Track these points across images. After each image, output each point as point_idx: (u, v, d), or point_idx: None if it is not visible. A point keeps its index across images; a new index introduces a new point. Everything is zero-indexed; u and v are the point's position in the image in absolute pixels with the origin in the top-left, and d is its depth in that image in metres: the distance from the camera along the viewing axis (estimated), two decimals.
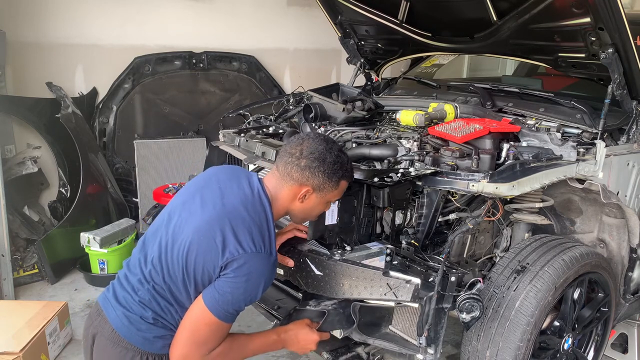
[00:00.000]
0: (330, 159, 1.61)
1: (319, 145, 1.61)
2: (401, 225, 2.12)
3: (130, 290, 1.56)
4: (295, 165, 1.60)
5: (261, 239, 1.50)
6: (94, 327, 1.61)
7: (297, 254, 1.93)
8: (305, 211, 1.68)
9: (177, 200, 1.65)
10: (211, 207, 1.53)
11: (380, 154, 2.21)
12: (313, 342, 1.76)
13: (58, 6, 3.96)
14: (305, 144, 1.62)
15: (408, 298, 1.68)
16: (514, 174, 1.92)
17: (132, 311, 1.54)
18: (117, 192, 4.20)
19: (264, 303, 2.28)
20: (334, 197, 1.69)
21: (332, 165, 1.61)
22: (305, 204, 1.64)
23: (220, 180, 1.62)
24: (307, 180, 1.60)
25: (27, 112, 3.83)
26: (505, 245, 2.42)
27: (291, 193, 1.62)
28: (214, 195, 1.57)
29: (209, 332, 1.49)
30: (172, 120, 4.51)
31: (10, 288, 3.40)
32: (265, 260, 1.50)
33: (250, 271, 1.46)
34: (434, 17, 2.81)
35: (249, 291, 1.49)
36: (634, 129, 2.34)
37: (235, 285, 1.46)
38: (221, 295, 1.47)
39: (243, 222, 1.50)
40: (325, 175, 1.60)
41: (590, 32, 2.12)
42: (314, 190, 1.62)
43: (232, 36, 4.74)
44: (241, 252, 1.45)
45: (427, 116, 2.31)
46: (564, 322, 2.20)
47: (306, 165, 1.59)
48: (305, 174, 1.59)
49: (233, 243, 1.46)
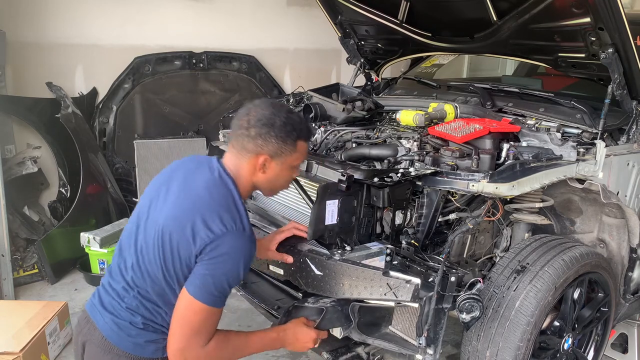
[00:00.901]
0: (280, 122, 1.54)
1: (265, 111, 1.55)
2: (401, 225, 2.12)
3: (116, 297, 1.54)
4: (246, 137, 1.54)
5: (230, 218, 1.46)
6: (84, 334, 1.59)
7: (297, 254, 1.93)
8: (270, 181, 1.62)
9: (144, 200, 1.63)
10: (176, 201, 1.51)
11: (380, 154, 2.21)
12: (311, 340, 1.75)
13: (58, 6, 3.96)
14: (252, 113, 1.56)
15: (408, 298, 1.68)
16: (514, 174, 1.92)
17: (121, 317, 1.52)
18: (117, 192, 4.20)
19: (264, 303, 2.28)
20: (297, 160, 1.63)
21: (283, 128, 1.54)
22: (267, 174, 1.59)
23: (183, 171, 1.60)
24: (262, 149, 1.54)
25: (27, 112, 3.83)
26: (505, 245, 2.42)
27: (250, 166, 1.57)
28: (178, 188, 1.54)
29: (200, 320, 1.45)
30: (172, 120, 4.51)
31: (10, 288, 3.40)
32: (238, 237, 1.46)
33: (225, 251, 1.44)
34: (434, 17, 2.81)
35: (229, 271, 1.46)
36: (634, 129, 2.34)
37: (214, 267, 1.44)
38: (202, 280, 1.44)
39: (209, 207, 1.47)
40: (279, 139, 1.54)
41: (590, 32, 2.12)
42: (271, 158, 1.56)
43: (232, 36, 4.74)
44: (212, 235, 1.42)
45: (427, 116, 2.31)
46: (564, 322, 2.20)
47: (257, 134, 1.53)
48: (258, 142, 1.54)
49: (203, 229, 1.43)
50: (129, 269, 1.53)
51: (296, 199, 2.32)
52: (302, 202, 2.23)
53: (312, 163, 2.13)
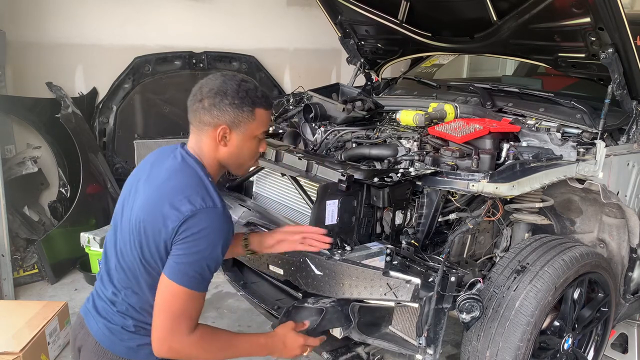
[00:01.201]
0: (232, 89, 1.49)
1: (215, 81, 1.51)
2: (401, 225, 2.12)
3: (108, 302, 1.54)
4: (201, 109, 1.49)
5: (199, 196, 1.42)
6: (79, 339, 1.59)
7: (297, 254, 1.93)
8: (234, 155, 1.55)
9: (118, 204, 1.61)
10: (144, 194, 1.48)
11: (380, 154, 2.22)
12: (299, 347, 1.66)
13: (58, 6, 3.95)
14: (203, 86, 1.51)
15: (408, 298, 1.68)
16: (514, 174, 1.93)
17: (113, 322, 1.51)
18: (117, 192, 4.19)
19: (264, 303, 2.28)
20: (258, 129, 1.55)
21: (236, 94, 1.48)
22: (229, 146, 1.52)
23: (149, 165, 1.57)
24: (218, 119, 1.48)
25: (27, 112, 3.83)
26: (505, 245, 2.42)
27: (211, 140, 1.51)
28: (144, 183, 1.52)
29: (180, 304, 1.40)
30: (172, 120, 4.50)
31: (10, 288, 3.40)
32: (210, 214, 1.41)
33: (198, 230, 1.39)
34: (434, 17, 2.81)
35: (204, 249, 1.40)
36: (634, 129, 2.34)
37: (188, 246, 1.39)
38: (177, 261, 1.40)
39: (174, 190, 1.43)
40: (234, 107, 1.48)
41: (590, 32, 2.12)
42: (230, 128, 1.50)
43: (232, 36, 4.74)
44: (181, 216, 1.38)
45: (427, 116, 2.32)
46: (564, 322, 2.20)
47: (210, 104, 1.48)
48: (214, 113, 1.48)
49: (172, 213, 1.39)
50: (113, 271, 1.53)
51: (296, 199, 2.32)
52: (302, 202, 2.23)
53: (312, 163, 2.13)
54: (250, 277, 2.47)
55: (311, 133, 2.65)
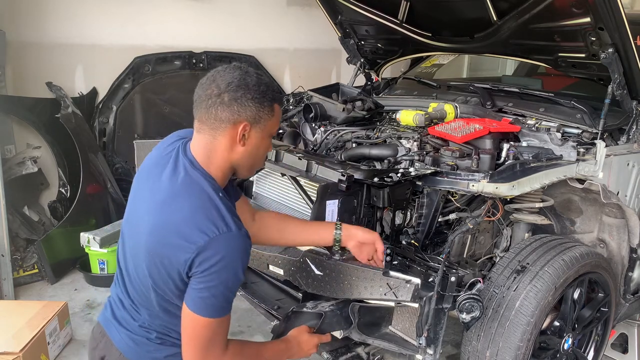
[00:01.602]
0: (252, 82, 1.36)
1: (232, 73, 1.37)
2: (401, 225, 2.12)
3: (127, 313, 1.49)
4: (219, 105, 1.34)
5: (210, 222, 1.30)
6: (100, 349, 1.53)
7: (297, 254, 1.93)
8: (251, 155, 1.43)
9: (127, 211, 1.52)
10: (149, 218, 1.37)
11: (380, 154, 2.22)
12: (314, 346, 1.73)
13: (58, 6, 3.95)
14: (218, 79, 1.36)
15: (408, 298, 1.68)
16: (514, 174, 1.93)
17: (136, 333, 1.47)
18: (117, 192, 4.19)
19: (264, 303, 2.28)
20: (274, 127, 1.45)
21: (258, 88, 1.37)
22: (247, 145, 1.39)
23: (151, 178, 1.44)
24: (239, 115, 1.35)
25: (27, 112, 3.83)
26: (505, 245, 2.42)
27: (228, 140, 1.37)
28: (148, 205, 1.40)
29: (209, 334, 1.36)
30: (172, 120, 4.50)
31: (10, 288, 3.40)
32: (226, 240, 1.31)
33: (217, 260, 1.29)
34: (434, 17, 2.81)
35: (226, 278, 1.33)
36: (634, 129, 2.34)
37: (208, 279, 1.31)
38: (200, 295, 1.32)
39: (182, 216, 1.32)
40: (256, 101, 1.36)
41: (590, 32, 2.12)
42: (251, 125, 1.37)
43: (232, 36, 4.74)
44: (195, 247, 1.28)
45: (427, 116, 2.32)
46: (564, 322, 2.20)
47: (231, 99, 1.34)
48: (234, 108, 1.34)
49: (184, 244, 1.29)
50: (129, 286, 1.48)
51: (296, 199, 2.32)
52: (302, 202, 2.23)
53: (312, 163, 2.13)
54: (250, 277, 2.47)
55: (311, 133, 2.65)
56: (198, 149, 1.41)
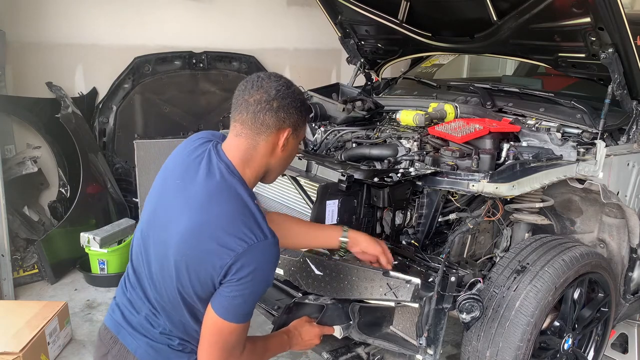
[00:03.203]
0: (296, 91, 1.45)
1: (279, 81, 1.43)
2: (401, 225, 2.12)
3: (146, 322, 1.46)
4: (268, 111, 1.38)
5: (248, 229, 1.32)
6: (113, 356, 1.49)
7: (297, 254, 1.93)
8: (286, 160, 1.50)
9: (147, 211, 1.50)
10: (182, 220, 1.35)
11: (380, 154, 2.21)
12: (316, 336, 1.74)
13: (58, 6, 3.95)
14: (265, 86, 1.40)
15: (408, 298, 1.68)
16: (514, 174, 1.93)
17: (157, 340, 1.44)
18: (117, 192, 4.20)
19: (264, 303, 2.28)
20: (303, 135, 1.54)
21: (300, 97, 1.45)
22: (285, 151, 1.45)
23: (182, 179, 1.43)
24: (285, 122, 1.41)
25: (27, 112, 3.83)
26: (505, 245, 2.42)
27: (269, 145, 1.41)
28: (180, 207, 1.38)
29: (233, 339, 1.37)
30: (172, 120, 4.50)
31: (10, 288, 3.40)
32: (262, 248, 1.32)
33: (252, 268, 1.31)
34: (434, 17, 2.81)
35: (258, 287, 1.35)
36: (634, 129, 2.34)
37: (243, 287, 1.32)
38: (231, 302, 1.33)
39: (219, 222, 1.32)
40: (298, 110, 1.43)
41: (590, 32, 2.12)
42: (292, 131, 1.44)
43: (232, 36, 4.74)
44: (233, 254, 1.29)
45: (427, 116, 2.32)
46: (564, 322, 2.20)
47: (280, 105, 1.39)
48: (281, 115, 1.40)
49: (221, 250, 1.30)
50: (149, 291, 1.45)
51: (296, 199, 2.32)
52: (302, 202, 2.23)
53: (312, 163, 2.13)
54: None
55: (311, 133, 2.65)
56: (236, 153, 1.42)
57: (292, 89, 1.44)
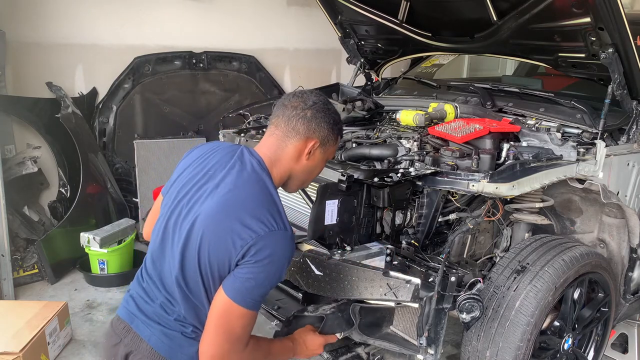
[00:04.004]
0: (333, 111, 1.57)
1: (319, 97, 1.57)
2: (401, 225, 2.12)
3: (160, 309, 1.47)
4: (301, 118, 1.50)
5: (271, 216, 1.38)
6: (126, 345, 1.49)
7: (297, 254, 1.93)
8: (310, 170, 1.58)
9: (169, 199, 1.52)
10: (210, 206, 1.41)
11: (380, 154, 2.21)
12: (320, 346, 1.76)
13: (58, 6, 3.95)
14: (306, 97, 1.55)
15: (408, 298, 1.68)
16: (514, 174, 1.92)
17: (171, 328, 1.46)
18: (117, 192, 4.20)
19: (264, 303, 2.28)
20: (332, 154, 1.63)
21: (335, 116, 1.57)
22: (310, 161, 1.54)
23: (212, 168, 1.50)
24: (314, 133, 1.52)
25: (27, 112, 3.83)
26: (505, 245, 2.42)
27: (296, 150, 1.52)
28: (209, 191, 1.44)
29: (241, 325, 1.39)
30: (172, 120, 4.51)
31: (10, 288, 3.40)
32: (281, 237, 1.38)
33: (269, 253, 1.36)
34: (434, 17, 2.81)
35: (272, 274, 1.39)
36: (634, 129, 2.34)
37: (258, 270, 1.36)
38: (244, 283, 1.36)
39: (246, 207, 1.39)
40: (330, 126, 1.54)
41: (590, 32, 2.12)
42: (320, 144, 1.54)
43: (232, 36, 4.74)
44: (254, 235, 1.34)
45: (427, 116, 2.32)
46: (564, 322, 2.20)
47: (312, 116, 1.51)
48: (312, 125, 1.51)
49: (244, 231, 1.35)
50: (167, 278, 1.46)
51: (296, 199, 2.32)
52: (302, 202, 2.23)
53: None
54: None
55: None
56: (266, 151, 1.53)
57: (329, 107, 1.56)
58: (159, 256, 1.50)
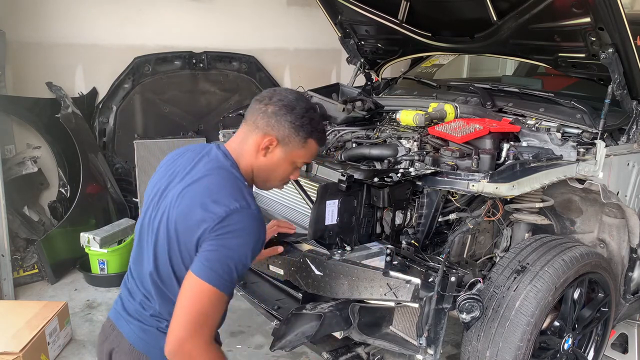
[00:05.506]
0: (300, 110, 1.48)
1: (289, 95, 1.51)
2: (401, 225, 2.12)
3: (139, 306, 1.50)
4: (261, 112, 1.48)
5: (233, 198, 1.38)
6: (110, 342, 1.53)
7: (297, 254, 1.93)
8: (269, 169, 1.53)
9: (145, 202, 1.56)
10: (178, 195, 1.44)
11: (380, 154, 2.21)
12: None
13: (58, 6, 3.95)
14: (276, 92, 1.52)
15: (408, 298, 1.68)
16: (514, 174, 1.93)
17: (148, 323, 1.47)
18: (117, 192, 4.20)
19: (264, 303, 2.28)
20: (301, 158, 1.55)
21: (300, 118, 1.48)
22: (268, 158, 1.50)
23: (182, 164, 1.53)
24: (272, 130, 1.47)
25: (27, 112, 3.83)
26: (505, 245, 2.42)
27: (255, 145, 1.49)
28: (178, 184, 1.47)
29: (206, 302, 1.34)
30: (172, 120, 4.51)
31: (10, 288, 3.40)
32: (244, 215, 1.37)
33: (231, 229, 1.35)
34: (434, 17, 2.81)
35: (234, 250, 1.36)
36: (634, 128, 2.34)
37: (218, 243, 1.34)
38: (206, 257, 1.35)
39: (207, 191, 1.40)
40: (292, 126, 1.47)
41: (590, 32, 2.12)
42: (278, 142, 1.48)
43: (232, 36, 4.74)
44: (214, 216, 1.34)
45: (427, 116, 2.32)
46: (564, 322, 2.20)
47: (273, 112, 1.47)
48: (271, 121, 1.47)
49: (205, 214, 1.36)
50: (146, 276, 1.48)
51: (296, 199, 2.32)
52: (302, 202, 2.23)
53: (312, 163, 2.13)
54: (250, 277, 2.47)
55: None
56: (233, 144, 1.54)
57: (296, 106, 1.49)
58: (138, 256, 1.53)
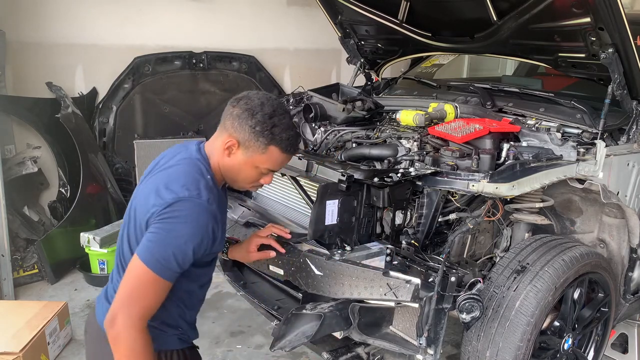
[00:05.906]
0: (261, 116, 1.47)
1: (257, 100, 1.50)
2: (401, 225, 2.12)
3: (112, 290, 1.55)
4: (229, 114, 1.52)
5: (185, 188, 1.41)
6: (88, 324, 1.64)
7: (297, 254, 1.93)
8: (233, 170, 1.54)
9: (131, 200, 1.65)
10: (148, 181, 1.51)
11: (380, 154, 2.21)
12: None
13: (58, 6, 3.96)
14: (246, 96, 1.54)
15: (408, 298, 1.68)
16: (514, 174, 1.93)
17: None
18: (117, 192, 4.20)
19: (264, 303, 2.28)
20: (264, 164, 1.53)
21: (261, 124, 1.47)
22: (232, 159, 1.52)
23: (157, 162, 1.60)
24: (235, 132, 1.49)
25: (27, 112, 3.83)
26: (505, 245, 2.42)
27: (222, 144, 1.51)
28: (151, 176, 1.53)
29: (140, 282, 1.36)
30: (172, 120, 4.51)
31: (10, 288, 3.40)
32: (191, 203, 1.39)
33: (176, 214, 1.37)
34: (434, 17, 2.81)
35: (176, 234, 1.38)
36: (634, 129, 2.34)
37: (160, 226, 1.37)
38: (148, 238, 1.38)
39: (168, 178, 1.45)
40: (252, 131, 1.47)
41: (590, 32, 2.12)
42: (239, 145, 1.50)
43: (232, 36, 4.74)
44: (164, 202, 1.38)
45: (427, 116, 2.31)
46: (564, 322, 2.20)
47: (237, 115, 1.50)
48: (235, 123, 1.49)
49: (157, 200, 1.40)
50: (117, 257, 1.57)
51: (296, 199, 2.32)
52: (302, 202, 2.23)
53: (312, 163, 2.13)
54: (250, 277, 2.47)
55: (311, 133, 2.65)
56: (210, 142, 1.58)
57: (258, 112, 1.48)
58: (119, 244, 1.58)
